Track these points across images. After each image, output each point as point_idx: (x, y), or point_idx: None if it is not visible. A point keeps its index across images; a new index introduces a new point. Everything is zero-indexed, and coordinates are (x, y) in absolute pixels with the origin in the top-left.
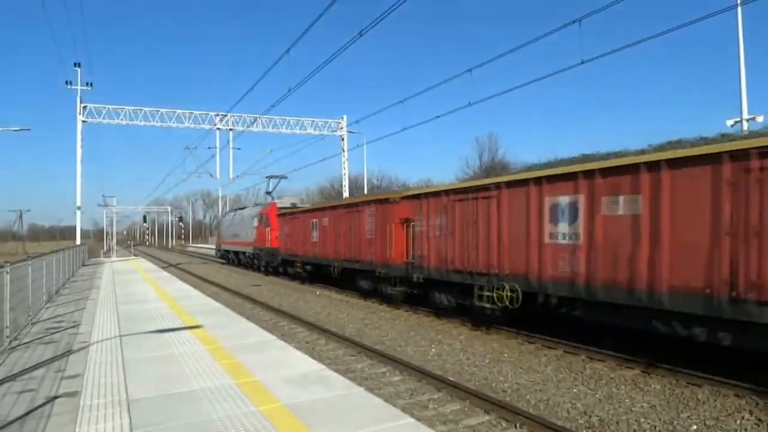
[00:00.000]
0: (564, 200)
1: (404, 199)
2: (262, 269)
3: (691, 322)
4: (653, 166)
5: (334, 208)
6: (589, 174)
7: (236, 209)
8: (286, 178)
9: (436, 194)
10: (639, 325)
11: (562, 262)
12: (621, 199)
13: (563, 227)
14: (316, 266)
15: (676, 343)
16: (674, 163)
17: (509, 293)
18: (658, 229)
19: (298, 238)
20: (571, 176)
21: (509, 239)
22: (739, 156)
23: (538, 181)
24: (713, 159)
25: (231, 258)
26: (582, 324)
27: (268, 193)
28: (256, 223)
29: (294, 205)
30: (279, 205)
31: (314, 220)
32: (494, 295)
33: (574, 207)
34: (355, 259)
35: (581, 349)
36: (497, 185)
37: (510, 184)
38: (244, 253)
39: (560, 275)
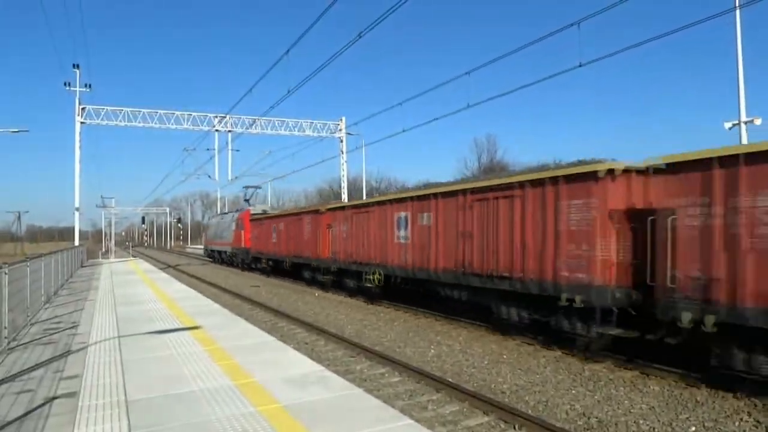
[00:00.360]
0: (402, 215)
1: (328, 210)
2: (239, 265)
3: (450, 287)
4: (436, 196)
5: (286, 215)
6: (412, 198)
7: (219, 214)
8: (260, 188)
9: (342, 208)
10: (432, 290)
11: (401, 255)
12: (425, 215)
13: (402, 232)
14: (276, 261)
15: (675, 344)
16: (444, 195)
17: (378, 276)
18: (438, 234)
19: (263, 240)
20: (404, 200)
21: (380, 240)
22: (461, 192)
23: (391, 201)
24: (456, 194)
25: (215, 256)
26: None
27: (246, 200)
28: (234, 227)
29: (264, 212)
30: (252, 212)
31: (274, 225)
32: (372, 277)
33: (405, 219)
34: (300, 255)
35: (580, 350)
36: (380, 203)
37: (380, 203)
38: (225, 252)
39: (400, 263)
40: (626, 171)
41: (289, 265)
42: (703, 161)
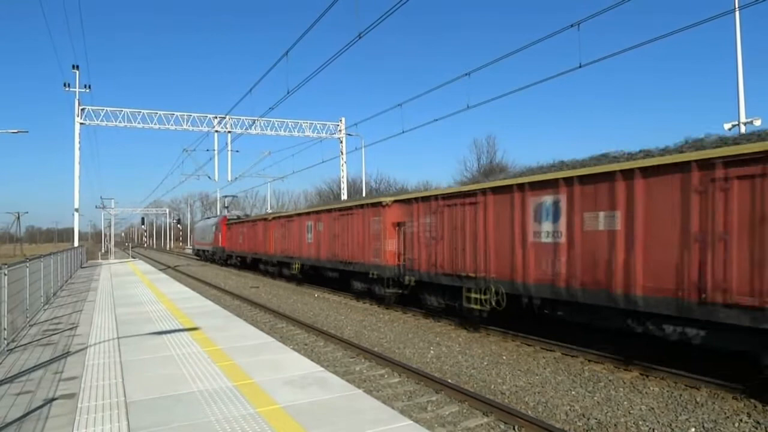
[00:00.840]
0: (309, 223)
1: (273, 218)
2: (218, 262)
3: (330, 270)
4: (322, 211)
5: (248, 222)
6: (318, 212)
7: (203, 219)
8: (236, 197)
9: (278, 217)
10: (322, 272)
11: (310, 250)
12: (320, 224)
13: (309, 235)
14: (242, 258)
15: (675, 346)
16: (327, 211)
17: (297, 265)
18: (324, 236)
19: (234, 240)
20: (310, 213)
21: (297, 240)
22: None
23: (299, 215)
24: (331, 211)
25: (201, 254)
26: (580, 326)
27: (225, 207)
28: (214, 230)
29: (238, 217)
30: (228, 217)
31: (241, 229)
32: (295, 266)
33: (311, 226)
34: (256, 252)
35: (579, 351)
36: (298, 214)
37: (298, 215)
38: (207, 250)
39: (308, 256)
40: (395, 202)
41: (250, 260)
42: (409, 200)
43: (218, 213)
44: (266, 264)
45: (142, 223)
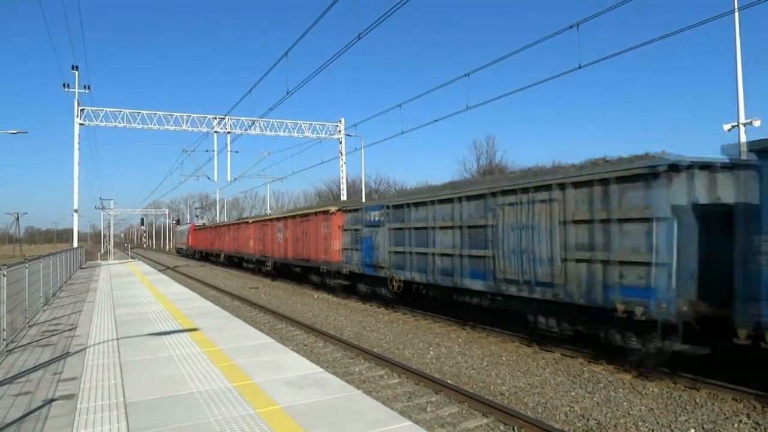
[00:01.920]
0: (279, 225)
1: (247, 223)
2: (189, 257)
3: (294, 266)
4: (285, 218)
5: (210, 227)
6: (286, 218)
7: (182, 225)
8: (203, 207)
9: (246, 223)
10: (288, 267)
11: (280, 250)
12: (286, 228)
13: (280, 235)
14: (205, 253)
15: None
16: (287, 218)
17: (271, 265)
18: (289, 238)
19: (201, 240)
20: (279, 218)
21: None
22: (298, 216)
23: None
24: (294, 217)
25: (180, 251)
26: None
27: (197, 216)
28: (187, 233)
29: (204, 225)
30: (197, 224)
31: (204, 232)
32: (268, 262)
33: (280, 229)
34: (214, 248)
35: (579, 352)
36: (278, 219)
37: (263, 221)
38: (182, 249)
39: (279, 255)
40: (338, 210)
41: (212, 255)
42: (348, 209)
43: (218, 214)
44: (217, 256)
45: (142, 224)
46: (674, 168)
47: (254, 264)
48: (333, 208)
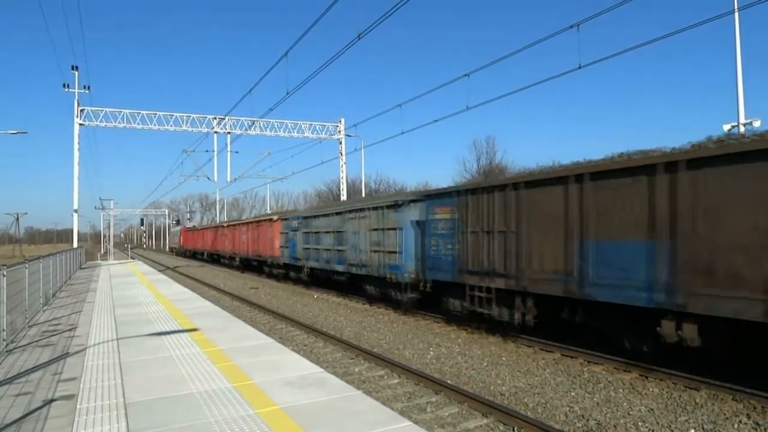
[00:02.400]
0: (244, 229)
1: (223, 227)
2: (180, 255)
3: (253, 260)
4: (246, 223)
5: (198, 229)
6: (247, 223)
7: (175, 227)
8: (194, 211)
9: (222, 226)
10: (249, 262)
11: (242, 247)
12: (248, 231)
13: (243, 237)
14: (193, 252)
15: (675, 347)
16: (245, 224)
17: (238, 260)
18: (249, 239)
19: (190, 240)
20: (241, 224)
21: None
22: (252, 223)
23: (234, 225)
24: (248, 224)
25: (174, 250)
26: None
27: (188, 219)
28: (179, 234)
29: (194, 227)
30: (187, 226)
31: (192, 233)
32: (237, 258)
33: (243, 232)
34: (201, 248)
35: (579, 352)
36: (243, 223)
37: (249, 223)
38: (175, 248)
39: (243, 252)
40: (278, 219)
41: (198, 253)
42: (285, 217)
43: (218, 215)
44: (201, 255)
45: (142, 224)
46: (411, 201)
47: (228, 260)
48: (275, 217)
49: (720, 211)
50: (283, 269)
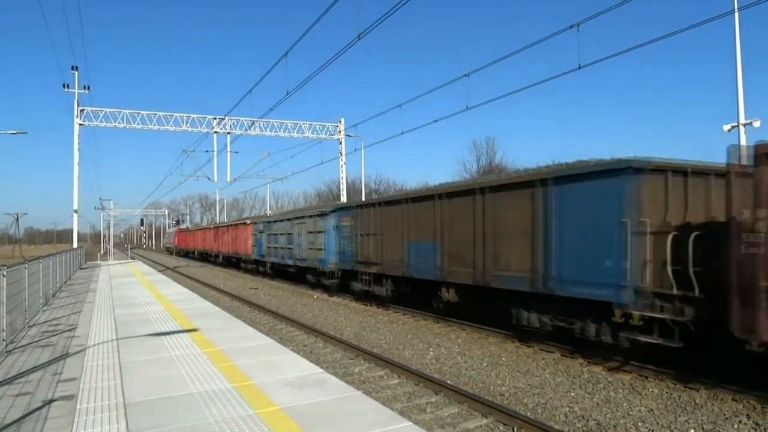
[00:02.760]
0: (226, 231)
1: (210, 229)
2: (178, 255)
3: (231, 258)
4: (225, 226)
5: (189, 231)
6: (240, 224)
7: (171, 228)
8: (187, 214)
9: (209, 228)
10: (234, 260)
11: (227, 247)
12: (227, 230)
13: (227, 238)
14: (185, 251)
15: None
16: (223, 227)
17: (222, 258)
18: (224, 239)
19: (183, 241)
20: (218, 226)
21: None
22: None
23: (240, 224)
24: (228, 227)
25: (170, 250)
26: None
27: (183, 221)
28: (174, 235)
29: (187, 228)
30: (182, 227)
31: (187, 234)
32: (220, 256)
33: (223, 233)
34: (192, 247)
35: (579, 352)
36: (225, 226)
37: (229, 226)
38: (170, 247)
39: (227, 250)
40: (251, 223)
41: (190, 252)
42: (255, 222)
43: (217, 215)
44: (192, 254)
45: (141, 225)
46: (332, 211)
47: (213, 258)
48: (248, 221)
49: (454, 223)
50: (254, 264)
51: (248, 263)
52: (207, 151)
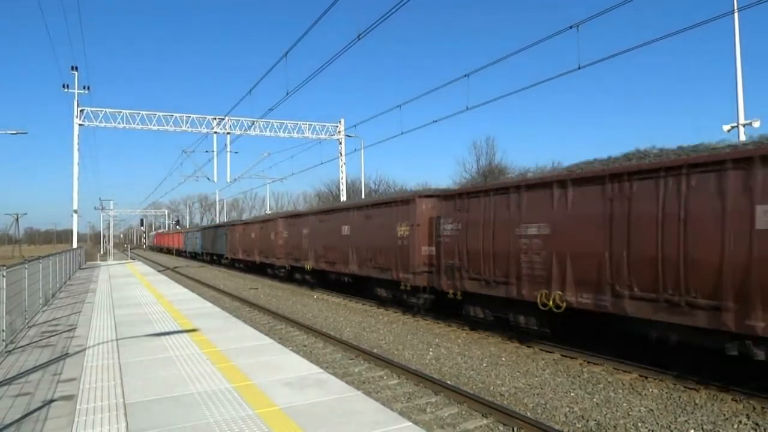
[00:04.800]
0: (181, 234)
1: (180, 232)
2: (153, 250)
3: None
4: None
5: (164, 234)
6: (220, 227)
7: (152, 232)
8: (180, 218)
9: (179, 232)
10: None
11: (192, 246)
12: (182, 234)
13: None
14: (160, 248)
15: (674, 348)
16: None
17: (188, 254)
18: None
19: (160, 241)
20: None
21: (182, 243)
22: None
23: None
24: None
25: (151, 248)
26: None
27: (177, 223)
28: (154, 237)
29: (163, 232)
30: (160, 231)
31: (163, 236)
32: (187, 253)
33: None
34: (166, 245)
35: (578, 353)
36: (190, 230)
37: (188, 230)
38: (152, 246)
39: (192, 249)
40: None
41: (163, 249)
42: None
43: (217, 215)
44: (169, 250)
45: (141, 225)
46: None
47: (185, 254)
48: (180, 228)
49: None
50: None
51: (185, 256)
52: (207, 152)
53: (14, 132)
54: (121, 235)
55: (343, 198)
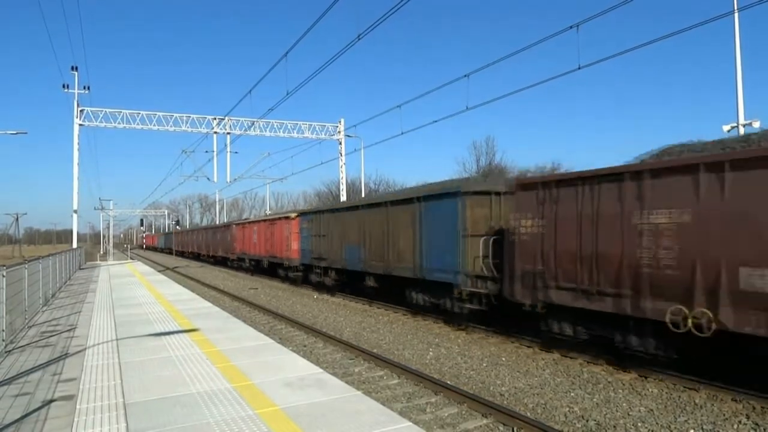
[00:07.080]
0: (158, 235)
1: (161, 233)
2: (142, 248)
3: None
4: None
5: (148, 236)
6: (210, 228)
7: (141, 234)
8: (179, 221)
9: (162, 234)
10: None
11: (177, 244)
12: (159, 235)
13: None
14: (146, 246)
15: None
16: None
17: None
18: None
19: (148, 241)
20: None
21: (159, 241)
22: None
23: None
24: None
25: (142, 246)
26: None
27: (176, 223)
28: (143, 237)
29: (150, 233)
30: (147, 233)
31: (147, 237)
32: (166, 249)
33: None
34: (151, 245)
35: (578, 353)
36: (171, 233)
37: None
38: (142, 245)
39: (176, 246)
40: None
41: (149, 247)
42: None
43: (217, 215)
44: (154, 249)
45: (141, 225)
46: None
47: (159, 250)
48: (151, 232)
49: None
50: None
51: (161, 251)
52: (207, 152)
53: (14, 132)
54: (121, 235)
55: (343, 198)
